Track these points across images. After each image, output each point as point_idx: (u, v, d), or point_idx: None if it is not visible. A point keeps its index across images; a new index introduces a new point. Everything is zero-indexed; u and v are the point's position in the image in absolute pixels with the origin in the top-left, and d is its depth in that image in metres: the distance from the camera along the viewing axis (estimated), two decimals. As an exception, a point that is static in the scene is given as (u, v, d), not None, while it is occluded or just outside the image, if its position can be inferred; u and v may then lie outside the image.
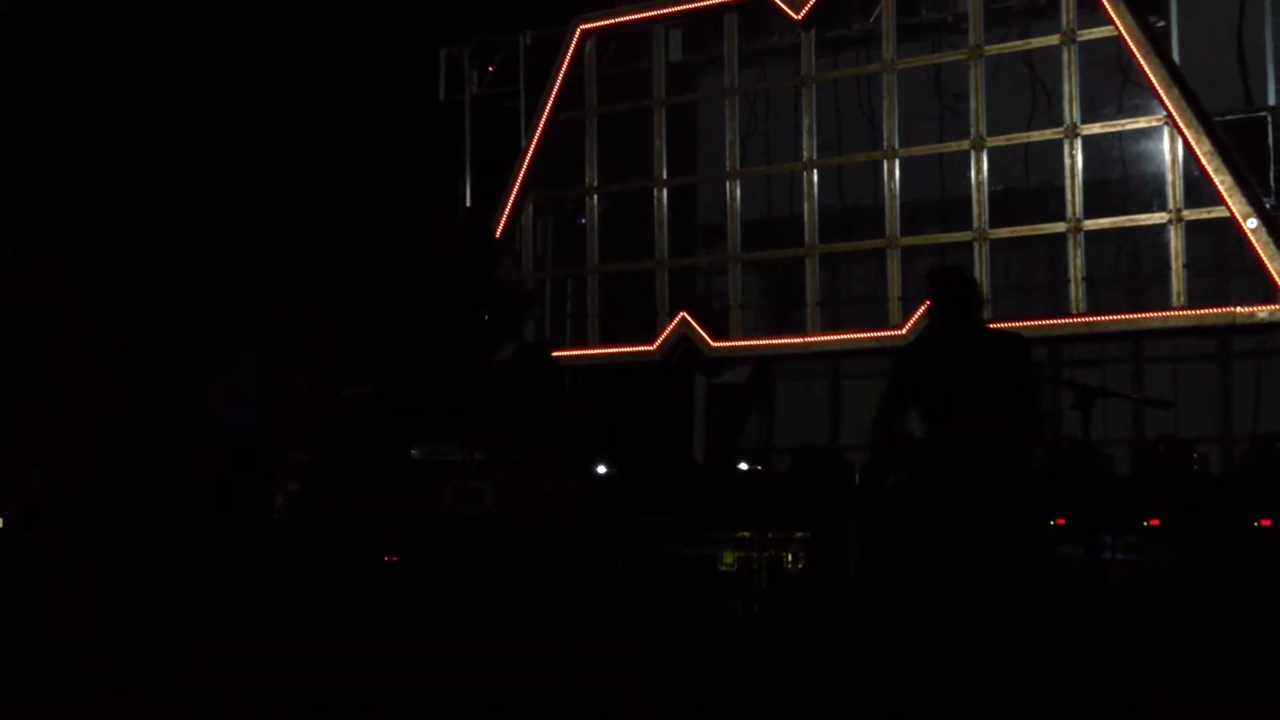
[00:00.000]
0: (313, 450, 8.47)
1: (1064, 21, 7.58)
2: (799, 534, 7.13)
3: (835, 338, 8.22)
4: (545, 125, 9.03)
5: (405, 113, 9.50)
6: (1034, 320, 7.43)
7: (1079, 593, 5.67)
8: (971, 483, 5.41)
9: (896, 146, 8.01)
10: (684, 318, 8.48)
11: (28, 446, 9.33)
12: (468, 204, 9.39)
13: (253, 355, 7.71)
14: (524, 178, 9.09)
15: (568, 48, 8.98)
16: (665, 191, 8.73)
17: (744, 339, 8.49)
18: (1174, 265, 7.22)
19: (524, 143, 9.11)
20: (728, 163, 8.57)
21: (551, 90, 9.00)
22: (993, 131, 7.76)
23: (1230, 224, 7.09)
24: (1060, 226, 7.52)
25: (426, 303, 9.28)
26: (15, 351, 9.56)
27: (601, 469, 7.97)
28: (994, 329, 5.85)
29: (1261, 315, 6.97)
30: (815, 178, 8.28)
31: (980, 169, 7.74)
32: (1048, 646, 5.47)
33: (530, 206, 9.17)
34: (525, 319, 9.20)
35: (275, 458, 8.58)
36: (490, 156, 9.30)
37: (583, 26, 8.97)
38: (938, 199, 8.21)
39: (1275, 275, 6.89)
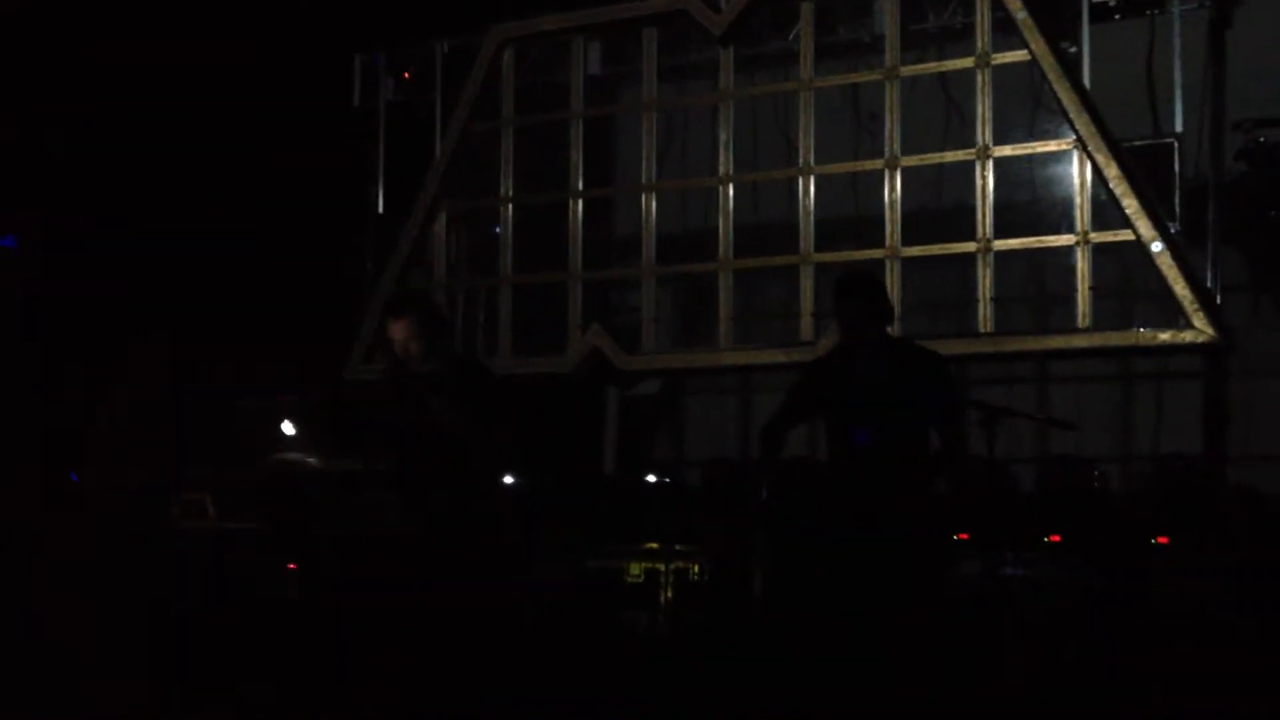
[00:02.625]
0: (213, 462, 8.34)
1: (979, 45, 7.66)
2: (705, 546, 7.11)
3: (747, 355, 8.21)
4: (460, 134, 8.97)
5: (318, 119, 9.39)
6: (943, 339, 7.45)
7: (977, 608, 5.70)
8: (871, 500, 5.39)
9: (812, 164, 8.04)
10: (596, 330, 8.44)
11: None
12: (380, 211, 9.30)
13: (159, 367, 7.60)
14: (438, 186, 9.02)
15: (485, 56, 8.94)
16: (580, 204, 8.70)
17: (657, 354, 8.46)
18: (1080, 287, 7.29)
19: (439, 151, 9.04)
20: (644, 176, 8.57)
21: (468, 99, 8.95)
22: (907, 151, 7.81)
23: (1135, 247, 7.17)
24: (971, 246, 7.58)
25: (336, 310, 9.17)
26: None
27: (509, 481, 7.89)
28: (905, 343, 5.82)
29: (1164, 338, 7.06)
30: (731, 193, 8.29)
31: (894, 188, 7.79)
32: (945, 665, 5.47)
33: (444, 216, 9.10)
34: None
35: (173, 470, 8.44)
36: (404, 164, 9.22)
37: (501, 36, 8.92)
38: (852, 216, 8.26)
39: (1179, 299, 6.98)
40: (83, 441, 8.80)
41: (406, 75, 9.32)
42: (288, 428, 8.22)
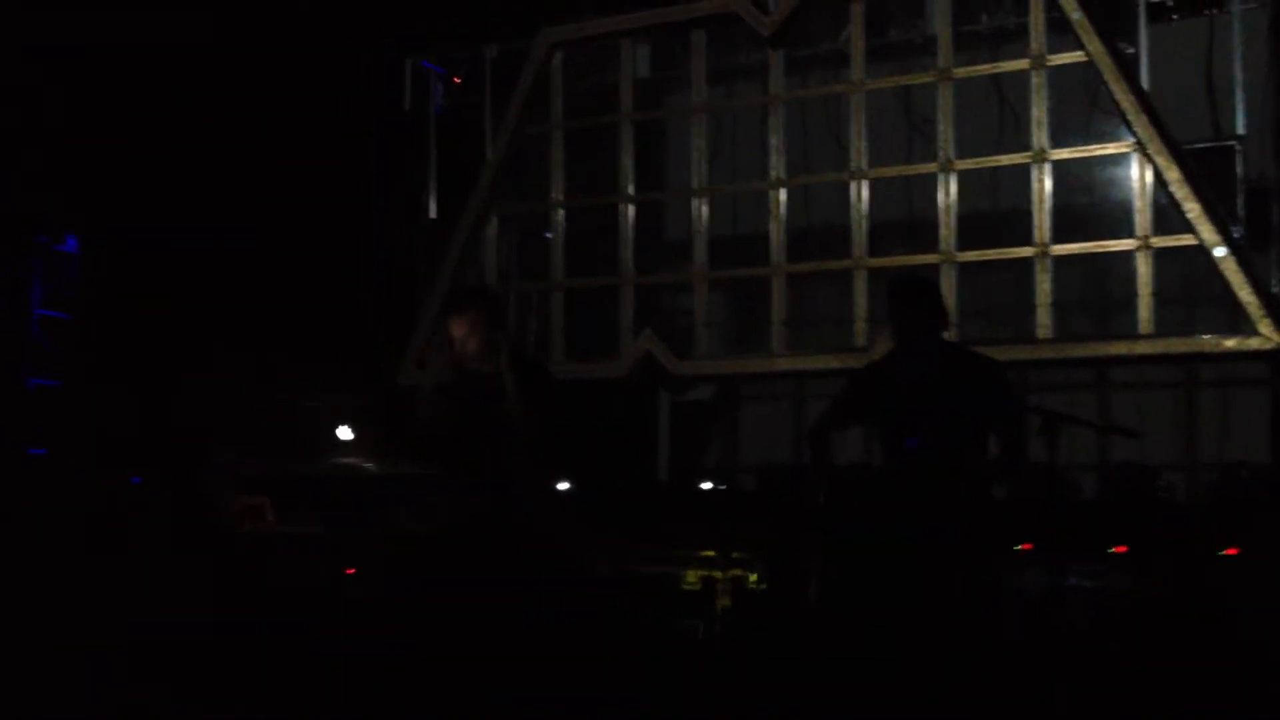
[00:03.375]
0: (273, 462, 8.38)
1: (1033, 46, 7.58)
2: (762, 553, 7.09)
3: (801, 360, 8.17)
4: (511, 138, 8.96)
5: (369, 124, 9.40)
6: (1000, 344, 7.40)
7: (1041, 619, 5.65)
8: (921, 506, 5.35)
9: (865, 167, 7.99)
10: (649, 335, 8.41)
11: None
12: (431, 216, 9.30)
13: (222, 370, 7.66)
14: (489, 191, 9.02)
15: (534, 60, 8.92)
16: (631, 208, 8.68)
17: (709, 359, 8.43)
18: (1142, 293, 7.22)
19: (489, 155, 9.04)
20: (695, 180, 8.53)
21: (518, 103, 8.94)
22: (961, 154, 7.75)
23: (1198, 252, 7.09)
24: (1028, 251, 7.52)
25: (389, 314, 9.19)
26: None
27: (563, 486, 7.89)
28: (960, 348, 5.78)
29: (1228, 345, 6.97)
30: (783, 197, 8.25)
31: (948, 191, 7.73)
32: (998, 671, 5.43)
33: (495, 220, 9.10)
34: None
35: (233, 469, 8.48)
36: (455, 169, 9.22)
37: (550, 40, 8.90)
38: (905, 220, 8.20)
39: (1243, 305, 6.90)
40: (145, 445, 8.86)
41: (457, 80, 9.32)
42: (344, 431, 8.24)
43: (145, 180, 9.33)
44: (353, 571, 7.80)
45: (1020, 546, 6.23)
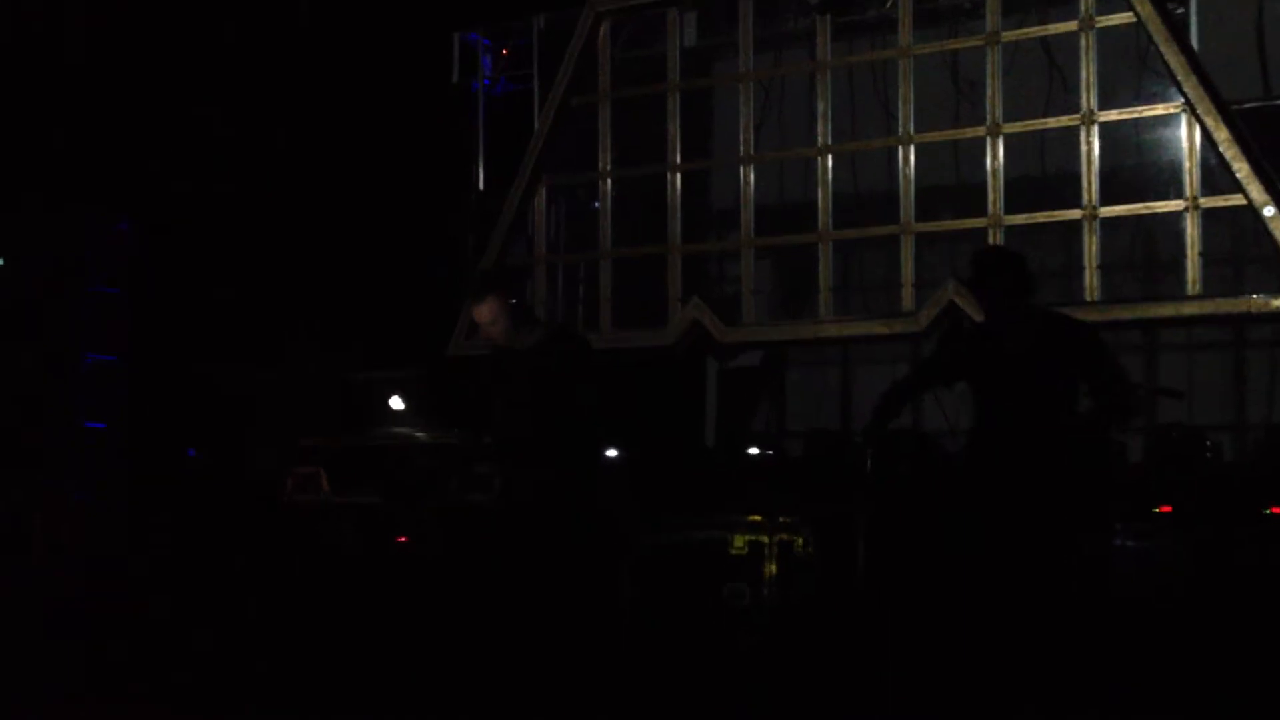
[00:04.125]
0: (321, 434, 8.50)
1: (1083, 8, 7.52)
2: (810, 518, 7.11)
3: (848, 326, 8.17)
4: (558, 109, 9.00)
5: (419, 97, 9.49)
6: (1049, 307, 7.37)
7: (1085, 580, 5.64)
8: (1016, 474, 5.41)
9: (912, 132, 7.96)
10: (697, 304, 8.44)
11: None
12: (480, 188, 9.37)
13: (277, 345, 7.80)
14: (536, 162, 9.07)
15: (581, 31, 8.95)
16: (679, 176, 8.70)
17: (757, 326, 8.45)
18: (1190, 253, 7.16)
19: (537, 126, 9.08)
20: (742, 148, 8.53)
21: (565, 74, 8.97)
22: (1009, 118, 7.70)
23: (1247, 212, 7.03)
24: (1076, 214, 7.47)
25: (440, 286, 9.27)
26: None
27: (612, 454, 7.95)
28: (1053, 314, 5.81)
29: (1277, 304, 6.91)
30: (830, 163, 8.23)
31: (996, 155, 7.69)
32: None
33: (543, 190, 9.15)
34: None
35: (287, 442, 8.61)
36: (503, 141, 9.27)
37: (596, 9, 8.93)
38: (953, 185, 8.16)
39: (1292, 264, 6.84)
40: (200, 418, 9.02)
41: (505, 52, 9.37)
42: (396, 402, 8.34)
43: (197, 158, 9.48)
44: (404, 540, 7.91)
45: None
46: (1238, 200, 7.03)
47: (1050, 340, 5.50)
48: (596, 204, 8.97)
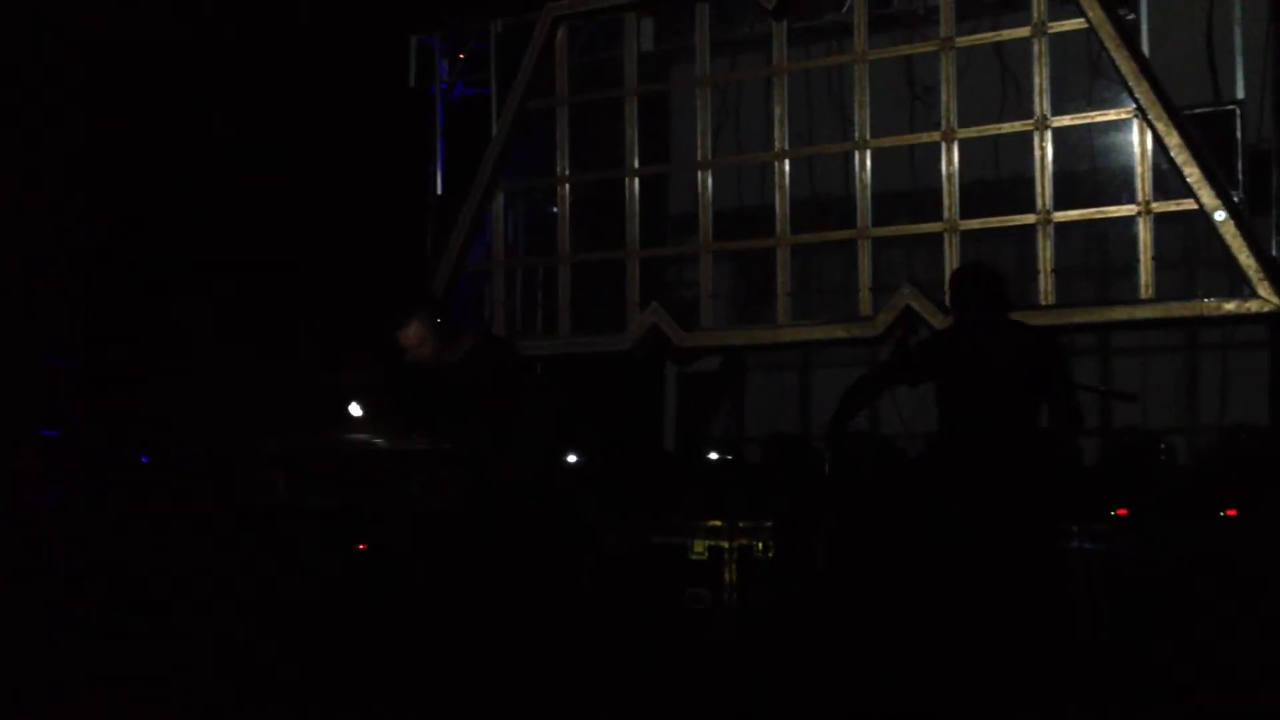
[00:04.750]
0: (285, 440, 8.47)
1: (1035, 14, 7.59)
2: (769, 522, 7.15)
3: (806, 331, 8.21)
4: (516, 113, 9.00)
5: (375, 101, 9.46)
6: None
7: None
8: (994, 480, 5.52)
9: (868, 137, 8.01)
10: (655, 308, 8.46)
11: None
12: (439, 193, 9.35)
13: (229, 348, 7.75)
14: (494, 166, 9.07)
15: (539, 35, 8.95)
16: (637, 181, 8.72)
17: (715, 330, 8.48)
18: (1143, 258, 7.24)
19: (495, 131, 9.08)
20: (699, 152, 8.56)
21: (522, 78, 8.97)
22: (964, 123, 7.76)
23: (1199, 217, 7.11)
24: (1030, 218, 7.54)
25: (396, 290, 9.25)
26: None
27: (571, 459, 7.97)
28: (1018, 325, 5.94)
29: (1228, 308, 7.00)
30: (787, 168, 8.28)
31: (951, 160, 7.75)
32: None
33: (501, 195, 9.15)
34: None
35: (245, 447, 8.57)
36: (461, 145, 9.26)
37: (554, 14, 8.93)
38: (909, 190, 8.23)
39: (1243, 268, 6.93)
40: (153, 423, 8.95)
41: (461, 56, 9.36)
42: (355, 409, 8.32)
43: (158, 162, 9.42)
44: (364, 547, 7.90)
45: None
46: (1189, 205, 7.12)
47: (1027, 353, 5.67)
48: (555, 208, 8.97)
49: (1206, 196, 7.05)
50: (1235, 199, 7.03)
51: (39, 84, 9.04)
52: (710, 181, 8.51)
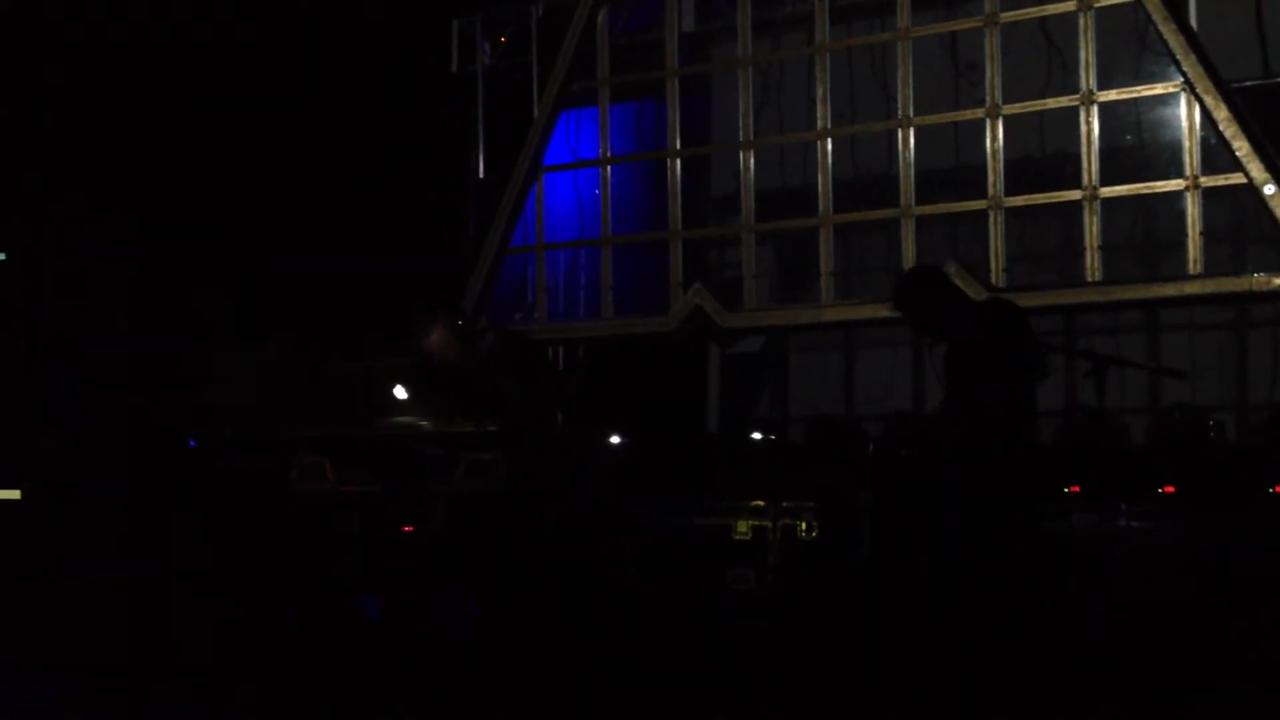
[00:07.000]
0: (323, 424, 8.50)
1: (1081, -12, 7.51)
2: (812, 503, 7.13)
3: (849, 310, 8.17)
4: (557, 95, 8.99)
5: (418, 85, 9.47)
6: (1049, 289, 7.39)
7: (1090, 560, 5.67)
8: (964, 457, 5.49)
9: (911, 115, 7.95)
10: (698, 289, 8.44)
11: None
12: (480, 176, 9.36)
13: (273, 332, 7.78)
14: (536, 148, 9.06)
15: (580, 17, 8.93)
16: (679, 162, 8.69)
17: (758, 311, 8.45)
18: (1191, 233, 7.15)
19: (536, 113, 9.08)
20: (741, 133, 8.52)
21: (564, 60, 8.96)
22: (1008, 99, 7.69)
23: (1247, 191, 7.02)
24: (1076, 194, 7.46)
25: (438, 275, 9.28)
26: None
27: (615, 441, 7.97)
28: (984, 302, 5.92)
29: (1278, 283, 6.90)
30: (829, 147, 8.22)
31: (995, 137, 7.68)
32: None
33: (543, 177, 9.15)
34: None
35: (283, 430, 8.60)
36: (503, 127, 9.27)
37: (595, -4, 8.92)
38: (952, 168, 8.15)
39: (1293, 242, 6.83)
40: (202, 409, 9.01)
41: (503, 39, 9.36)
42: (400, 391, 8.34)
43: (200, 151, 9.46)
44: (410, 529, 7.92)
45: (1070, 489, 6.25)
46: (1238, 179, 7.02)
47: (991, 328, 5.64)
48: (596, 190, 8.96)
49: (1256, 170, 6.95)
50: (1285, 173, 6.92)
51: (78, 77, 9.11)
52: (752, 162, 8.47)
